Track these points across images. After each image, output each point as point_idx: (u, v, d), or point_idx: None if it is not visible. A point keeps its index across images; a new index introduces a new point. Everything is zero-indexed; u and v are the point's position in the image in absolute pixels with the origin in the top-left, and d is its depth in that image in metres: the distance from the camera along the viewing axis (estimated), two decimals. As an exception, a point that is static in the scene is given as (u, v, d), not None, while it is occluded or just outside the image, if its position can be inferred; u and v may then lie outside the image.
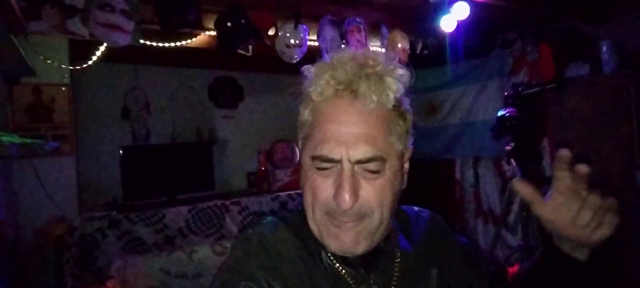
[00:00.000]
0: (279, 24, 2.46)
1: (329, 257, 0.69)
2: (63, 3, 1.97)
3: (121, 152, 3.07)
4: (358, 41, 2.76)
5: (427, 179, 3.83)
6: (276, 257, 0.66)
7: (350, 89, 0.64)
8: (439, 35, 2.92)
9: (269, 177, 3.61)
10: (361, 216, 0.65)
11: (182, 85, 3.66)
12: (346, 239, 0.65)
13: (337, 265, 0.69)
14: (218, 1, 2.30)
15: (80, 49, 2.81)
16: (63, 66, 2.84)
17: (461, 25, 2.74)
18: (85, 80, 3.22)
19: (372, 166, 0.64)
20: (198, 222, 2.81)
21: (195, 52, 3.05)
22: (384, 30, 2.90)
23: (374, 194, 0.65)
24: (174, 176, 3.24)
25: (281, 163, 3.66)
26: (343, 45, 2.73)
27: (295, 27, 2.45)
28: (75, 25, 2.02)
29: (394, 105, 0.67)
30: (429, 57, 3.14)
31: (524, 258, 2.23)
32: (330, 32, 2.64)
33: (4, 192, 2.53)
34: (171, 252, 2.70)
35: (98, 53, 2.75)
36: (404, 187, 0.72)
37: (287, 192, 3.38)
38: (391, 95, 0.65)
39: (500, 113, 2.41)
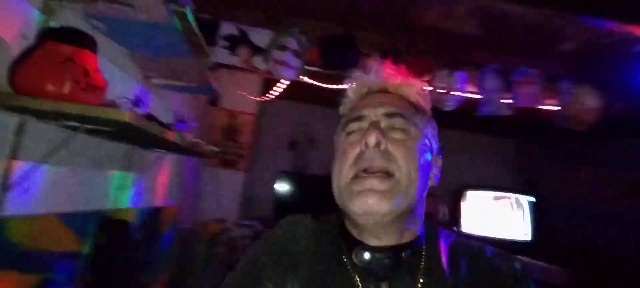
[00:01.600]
0: (435, 70, 2.40)
1: (347, 265, 0.68)
2: (253, 44, 2.44)
3: (279, 175, 3.48)
4: (528, 95, 2.44)
5: None
6: (295, 256, 0.69)
7: (379, 87, 0.75)
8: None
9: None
10: (387, 168, 0.64)
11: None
12: (370, 197, 0.63)
13: (356, 277, 0.66)
14: (377, 47, 2.42)
15: (266, 86, 3.39)
16: (251, 98, 3.47)
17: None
18: (266, 112, 3.83)
19: (398, 122, 0.68)
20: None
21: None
22: (565, 85, 2.47)
23: (402, 149, 0.66)
24: (320, 205, 3.44)
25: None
26: (509, 100, 2.46)
27: (450, 73, 2.34)
28: (258, 62, 2.45)
29: (417, 106, 0.74)
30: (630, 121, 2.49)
31: None
32: (493, 82, 2.41)
33: (192, 189, 3.18)
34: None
35: (277, 89, 3.27)
36: (435, 182, 0.73)
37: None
38: (412, 91, 0.74)
39: None
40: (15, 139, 1.13)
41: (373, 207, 0.62)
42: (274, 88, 3.26)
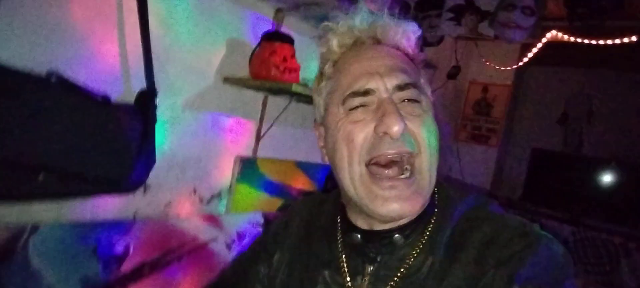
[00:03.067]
0: None
1: (338, 243, 0.67)
2: (479, 9, 2.32)
3: (536, 154, 3.04)
4: None
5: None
6: (289, 235, 0.74)
7: (369, 35, 0.64)
8: None
9: None
10: (409, 157, 0.57)
11: (634, 94, 2.91)
12: (396, 203, 0.56)
13: (343, 256, 0.64)
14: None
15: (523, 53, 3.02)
16: (507, 68, 3.18)
17: None
18: (529, 83, 3.39)
19: (410, 93, 0.59)
20: (581, 251, 2.32)
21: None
22: None
23: (421, 125, 0.58)
24: (590, 196, 2.77)
25: None
26: None
27: None
28: (485, 28, 2.31)
29: (414, 57, 0.66)
30: None
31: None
32: None
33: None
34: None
35: (529, 55, 2.84)
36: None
37: None
38: (412, 38, 0.65)
39: None
40: (262, 109, 1.76)
41: (398, 211, 0.57)
42: (528, 54, 2.86)
